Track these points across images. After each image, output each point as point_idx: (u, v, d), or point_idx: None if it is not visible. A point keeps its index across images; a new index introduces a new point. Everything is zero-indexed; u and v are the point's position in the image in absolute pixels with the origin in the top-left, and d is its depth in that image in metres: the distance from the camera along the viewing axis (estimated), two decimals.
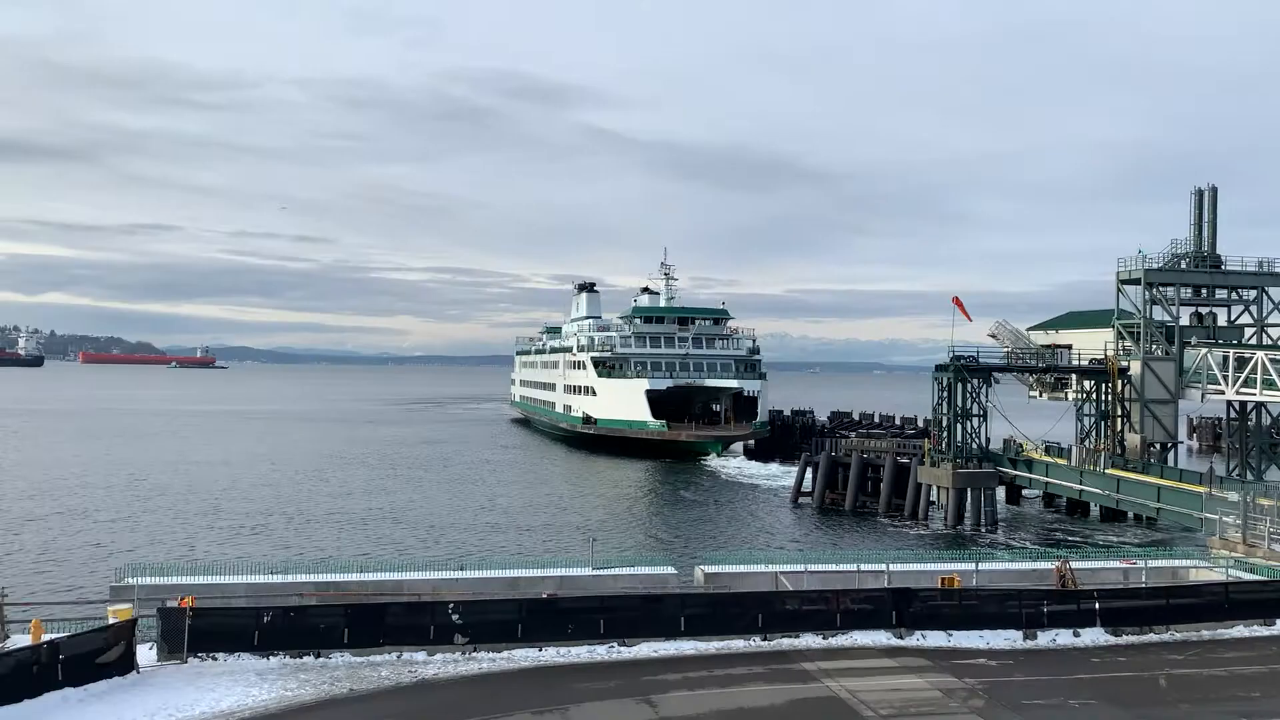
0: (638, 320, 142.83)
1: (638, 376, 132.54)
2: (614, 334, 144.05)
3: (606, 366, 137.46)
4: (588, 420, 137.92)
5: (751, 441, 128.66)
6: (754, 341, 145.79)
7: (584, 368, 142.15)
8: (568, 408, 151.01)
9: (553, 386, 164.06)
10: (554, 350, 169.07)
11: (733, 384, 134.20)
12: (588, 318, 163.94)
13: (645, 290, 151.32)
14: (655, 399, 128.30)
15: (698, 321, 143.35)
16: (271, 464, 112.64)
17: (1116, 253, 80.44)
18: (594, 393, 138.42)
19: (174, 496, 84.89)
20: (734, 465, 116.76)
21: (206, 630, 30.86)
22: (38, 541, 64.08)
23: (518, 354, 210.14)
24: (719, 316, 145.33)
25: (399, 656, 31.53)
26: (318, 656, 31.25)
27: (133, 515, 74.94)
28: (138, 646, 29.98)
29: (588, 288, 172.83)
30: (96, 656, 28.59)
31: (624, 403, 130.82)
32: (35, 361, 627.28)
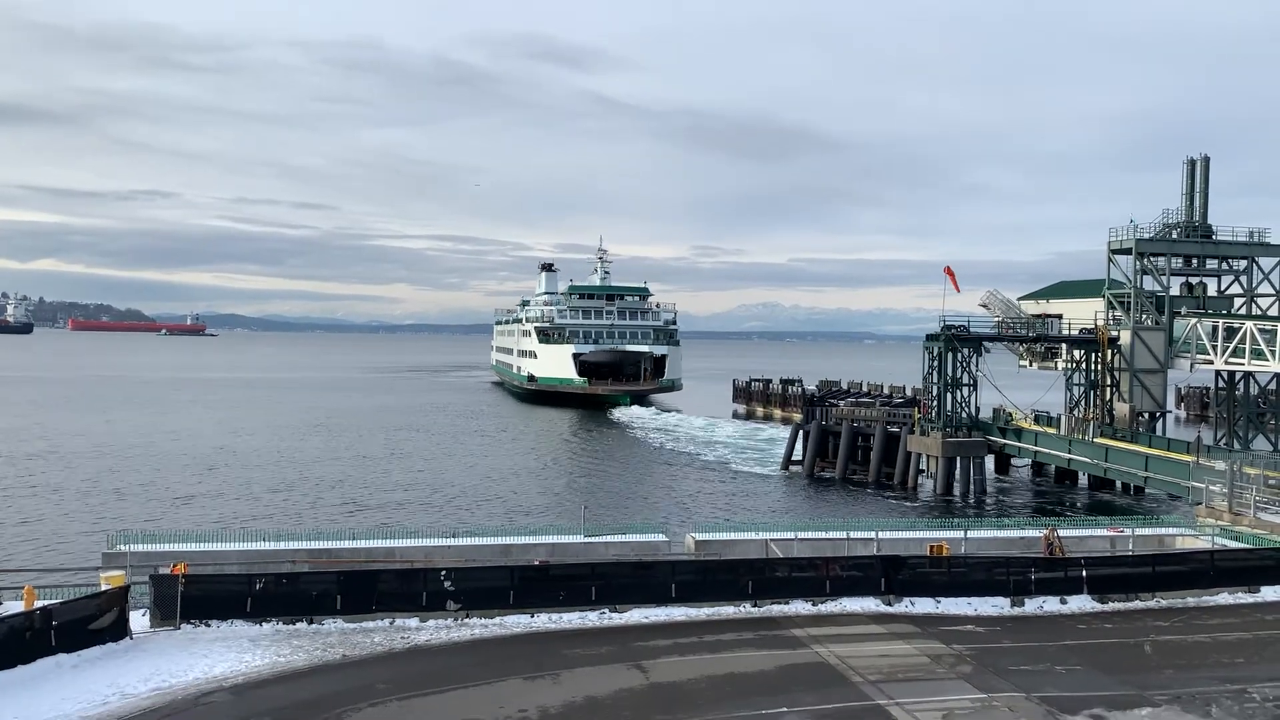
0: (575, 296, 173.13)
1: (569, 342, 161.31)
2: (553, 308, 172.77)
3: (546, 334, 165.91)
4: (531, 379, 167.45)
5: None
6: (674, 314, 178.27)
7: (531, 335, 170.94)
8: (519, 369, 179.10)
9: (512, 351, 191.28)
10: (514, 321, 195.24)
11: (646, 348, 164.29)
12: (546, 293, 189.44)
13: (604, 271, 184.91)
14: (584, 361, 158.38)
15: (626, 298, 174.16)
16: (261, 432, 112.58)
17: (1120, 222, 79.94)
18: (535, 356, 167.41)
19: (166, 464, 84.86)
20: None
21: (199, 597, 30.95)
22: (30, 508, 64.07)
23: (495, 324, 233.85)
24: (642, 294, 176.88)
25: (392, 623, 31.68)
26: (311, 623, 31.39)
27: (124, 482, 74.91)
28: (131, 613, 30.08)
29: (547, 267, 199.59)
30: (90, 623, 28.65)
31: (557, 364, 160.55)
32: (24, 328, 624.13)
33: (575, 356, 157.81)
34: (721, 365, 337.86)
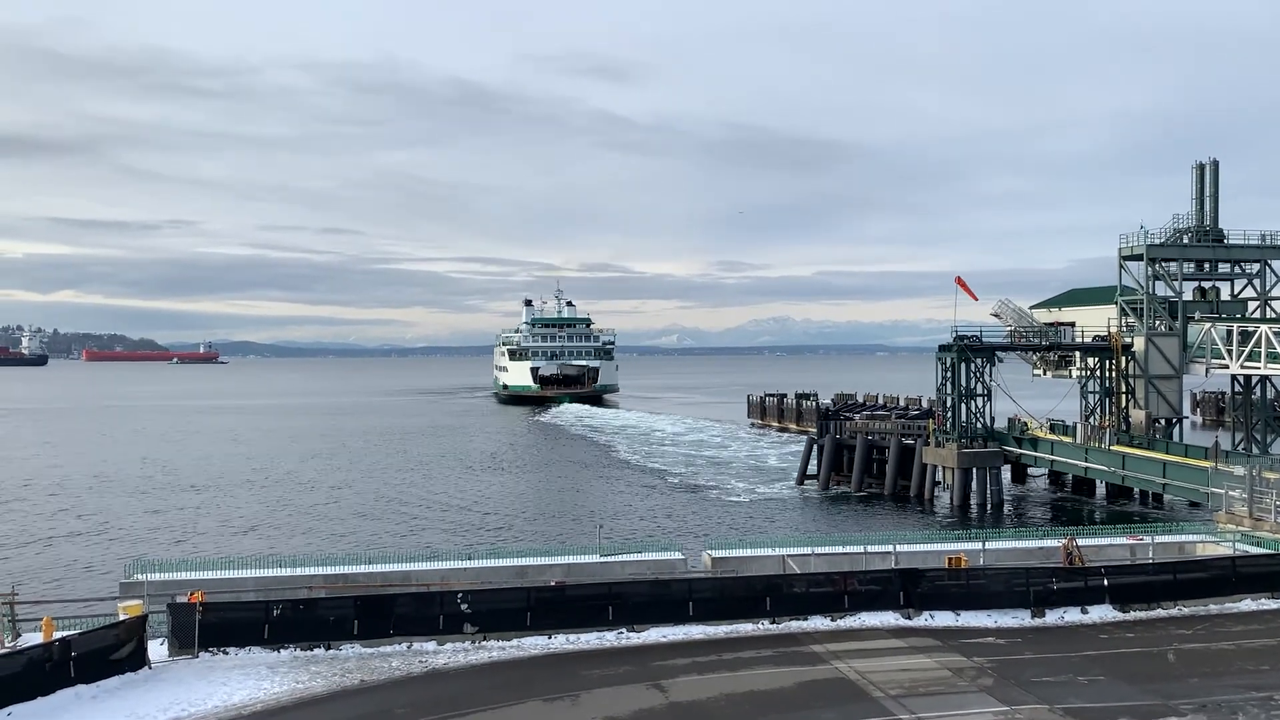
0: (538, 325, 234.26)
1: (527, 358, 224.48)
2: (521, 333, 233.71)
3: (514, 354, 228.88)
4: (505, 387, 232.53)
5: None
6: (613, 337, 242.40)
7: (506, 355, 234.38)
8: (499, 380, 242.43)
9: (497, 367, 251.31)
10: (500, 344, 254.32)
11: (585, 363, 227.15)
12: (525, 321, 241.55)
13: (569, 304, 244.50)
14: (541, 374, 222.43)
15: (575, 326, 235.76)
16: (273, 459, 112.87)
17: (1136, 226, 79.59)
18: (507, 370, 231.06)
19: (180, 493, 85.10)
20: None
21: (217, 625, 30.98)
22: (47, 540, 64.28)
23: (495, 346, 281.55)
24: (586, 323, 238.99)
25: (409, 647, 31.64)
26: (328, 648, 31.38)
27: (140, 512, 75.13)
28: (149, 642, 30.12)
29: (528, 303, 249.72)
30: (108, 653, 28.71)
31: (520, 375, 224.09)
32: (39, 360, 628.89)
33: (533, 370, 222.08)
34: (736, 381, 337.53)
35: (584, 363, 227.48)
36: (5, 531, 66.85)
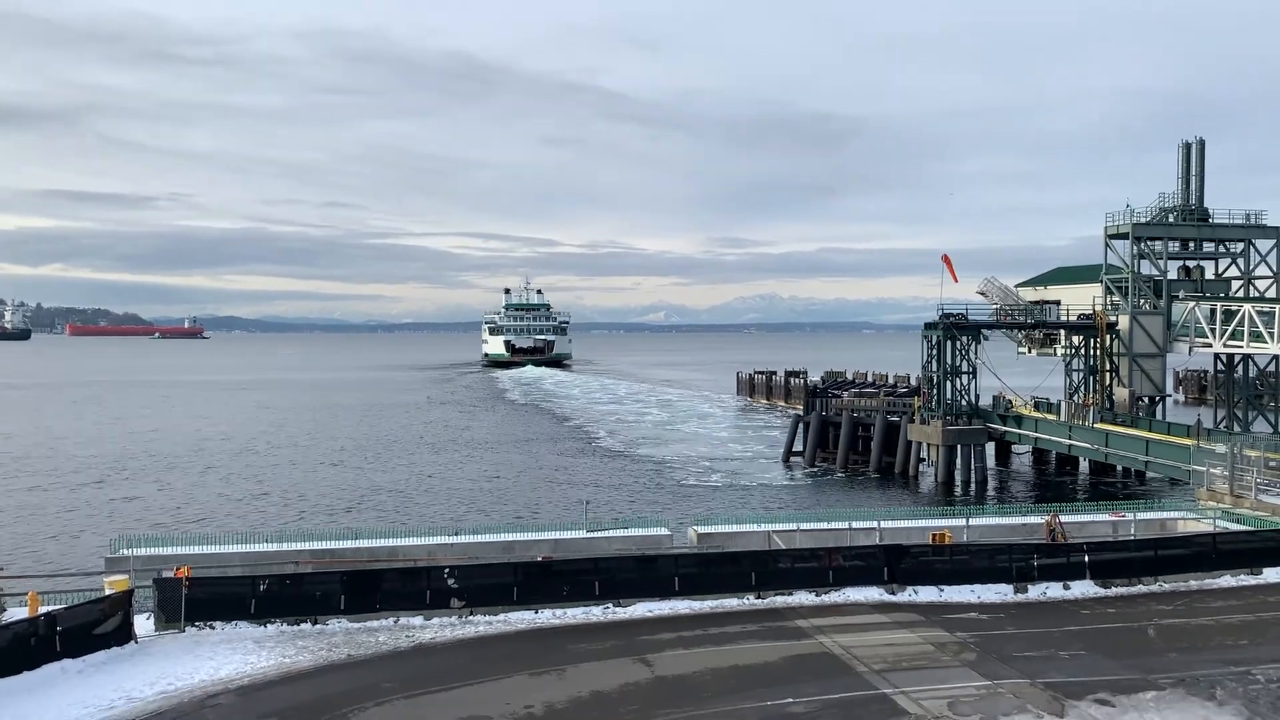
0: (511, 308, 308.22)
1: (502, 334, 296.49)
2: (499, 313, 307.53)
3: (492, 330, 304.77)
4: (485, 355, 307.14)
5: None
6: (569, 317, 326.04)
7: (487, 330, 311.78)
8: (483, 350, 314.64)
9: (481, 340, 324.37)
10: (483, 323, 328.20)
11: (543, 337, 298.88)
12: (504, 305, 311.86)
13: (539, 291, 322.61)
14: (514, 345, 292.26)
15: (538, 309, 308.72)
16: (259, 434, 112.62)
17: (1137, 202, 79.79)
18: (488, 342, 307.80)
19: (166, 467, 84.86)
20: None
21: (203, 599, 30.97)
22: (32, 514, 64.08)
23: (482, 325, 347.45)
24: (547, 306, 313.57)
25: (396, 621, 31.72)
26: (315, 623, 31.42)
27: (126, 487, 74.92)
28: (135, 617, 30.08)
29: (507, 291, 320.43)
30: (94, 627, 28.68)
31: (496, 347, 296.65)
32: (22, 334, 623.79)
33: (506, 343, 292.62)
34: (725, 358, 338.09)
35: (544, 337, 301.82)
36: None
